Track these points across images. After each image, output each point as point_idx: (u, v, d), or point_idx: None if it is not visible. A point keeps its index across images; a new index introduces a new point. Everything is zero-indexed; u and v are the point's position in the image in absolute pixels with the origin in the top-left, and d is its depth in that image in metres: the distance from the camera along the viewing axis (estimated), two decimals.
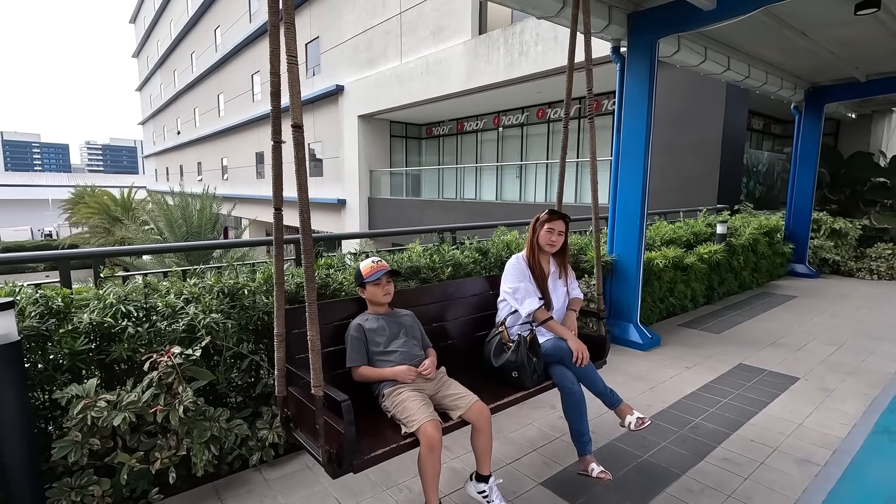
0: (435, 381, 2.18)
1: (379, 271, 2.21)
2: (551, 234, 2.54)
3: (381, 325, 2.21)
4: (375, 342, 2.18)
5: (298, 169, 1.60)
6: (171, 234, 11.95)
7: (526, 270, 2.56)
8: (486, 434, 2.07)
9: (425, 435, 1.86)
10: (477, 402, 2.06)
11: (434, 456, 1.87)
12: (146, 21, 40.66)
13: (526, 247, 2.63)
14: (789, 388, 3.51)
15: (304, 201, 1.64)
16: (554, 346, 2.40)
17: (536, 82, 10.65)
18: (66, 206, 25.32)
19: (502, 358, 2.37)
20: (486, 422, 2.06)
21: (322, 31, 17.32)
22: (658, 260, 4.87)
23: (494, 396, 2.23)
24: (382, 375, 2.12)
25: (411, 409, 1.95)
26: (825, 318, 5.33)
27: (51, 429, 2.21)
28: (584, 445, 2.35)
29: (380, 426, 2.02)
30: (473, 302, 2.81)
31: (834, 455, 2.63)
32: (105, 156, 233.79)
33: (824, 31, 4.84)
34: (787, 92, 6.87)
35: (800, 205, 7.64)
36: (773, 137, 13.23)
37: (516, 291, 2.50)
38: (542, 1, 3.59)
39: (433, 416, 1.92)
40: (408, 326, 2.28)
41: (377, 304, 2.27)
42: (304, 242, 1.64)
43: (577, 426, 2.34)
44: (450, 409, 2.07)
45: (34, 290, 2.21)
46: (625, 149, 4.37)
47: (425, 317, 2.53)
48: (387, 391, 2.08)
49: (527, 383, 2.31)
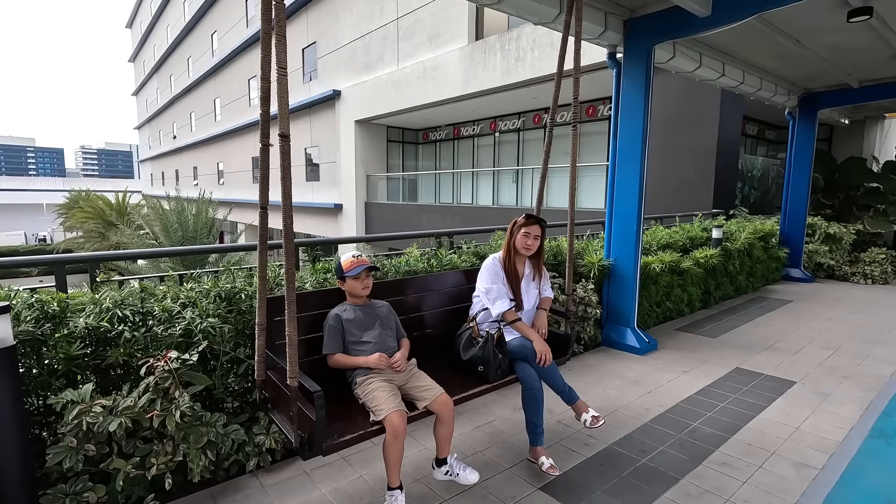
0: (405, 373, 2.30)
1: (359, 266, 2.32)
2: (527, 237, 2.65)
3: (357, 316, 2.33)
4: (351, 332, 2.30)
5: (283, 177, 1.72)
6: (166, 239, 11.90)
7: (500, 272, 2.67)
8: (448, 424, 2.21)
9: (391, 424, 2.00)
10: (442, 395, 2.18)
11: (398, 442, 2.01)
12: (143, 26, 40.67)
13: (503, 249, 2.74)
14: (786, 392, 3.52)
15: (287, 206, 1.75)
16: (520, 345, 2.52)
17: (533, 88, 10.70)
18: (61, 211, 25.21)
19: (470, 352, 2.50)
20: (450, 413, 2.19)
21: (319, 36, 17.36)
22: (655, 264, 4.88)
23: (460, 387, 2.38)
24: (355, 363, 2.25)
25: (380, 398, 2.07)
26: (821, 323, 5.36)
27: (45, 435, 2.18)
28: (536, 437, 2.49)
29: (352, 411, 2.17)
30: (450, 293, 2.97)
31: (831, 459, 2.63)
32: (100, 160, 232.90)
33: (817, 37, 4.90)
34: (782, 98, 6.93)
35: (795, 209, 7.69)
36: (767, 143, 13.34)
37: (489, 292, 2.62)
38: (538, 7, 3.61)
39: (399, 407, 2.05)
40: (383, 318, 2.40)
41: (355, 297, 2.39)
42: (286, 246, 1.80)
43: (532, 418, 2.48)
44: (417, 400, 2.20)
45: (30, 295, 2.20)
46: (621, 154, 4.40)
47: (404, 307, 2.71)
48: (359, 379, 2.21)
49: (491, 377, 2.44)
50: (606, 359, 4.22)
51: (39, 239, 37.75)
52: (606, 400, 3.38)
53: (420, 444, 2.76)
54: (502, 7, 3.58)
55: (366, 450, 2.67)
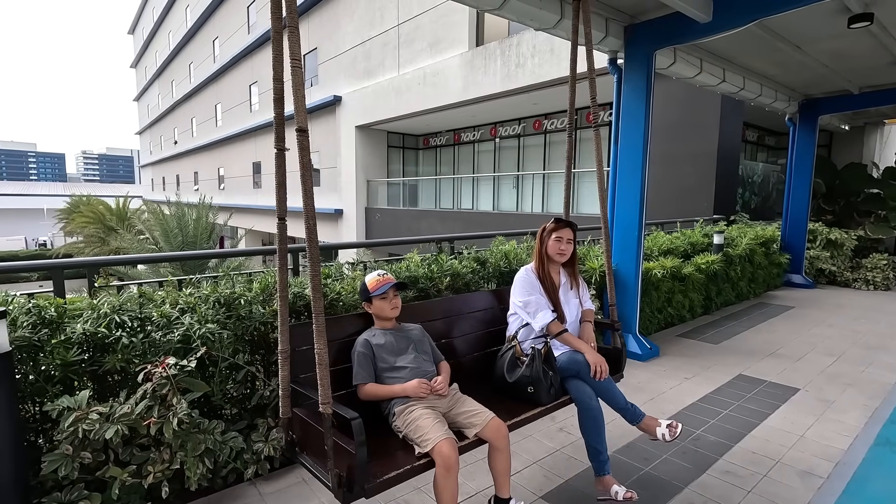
0: (448, 398, 2.07)
1: (385, 284, 2.13)
2: (560, 242, 2.46)
3: (388, 341, 2.11)
4: (383, 358, 2.08)
5: (304, 174, 1.54)
6: (166, 244, 11.89)
7: (536, 282, 2.47)
8: (504, 453, 1.97)
9: (441, 455, 1.76)
10: (494, 419, 1.96)
11: (451, 477, 1.76)
12: (145, 32, 40.88)
13: (534, 258, 2.55)
14: (790, 399, 3.49)
15: (309, 207, 1.55)
16: (570, 360, 2.31)
17: (533, 94, 10.73)
18: (62, 216, 25.22)
19: (516, 373, 2.26)
20: (505, 440, 1.96)
21: (320, 43, 17.44)
22: (656, 270, 4.86)
23: (510, 413, 2.11)
24: (392, 392, 2.01)
25: (425, 427, 1.84)
26: (823, 329, 5.33)
27: (41, 442, 2.16)
28: (601, 464, 2.24)
29: (391, 447, 1.91)
30: (480, 317, 2.72)
31: (836, 467, 2.60)
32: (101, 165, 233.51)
33: (818, 44, 4.91)
34: (782, 104, 6.94)
35: (796, 215, 7.68)
36: (767, 149, 13.35)
37: (527, 305, 2.41)
38: (539, 13, 3.61)
39: (448, 435, 1.82)
40: (417, 341, 2.18)
41: (384, 319, 2.18)
42: (311, 251, 1.57)
43: (594, 443, 2.24)
44: (465, 428, 1.96)
45: (27, 300, 2.18)
46: (622, 159, 4.39)
47: (431, 333, 2.44)
48: (398, 409, 1.97)
49: (543, 398, 2.21)
50: None
51: (40, 244, 37.77)
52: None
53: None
54: (503, 13, 3.58)
55: None
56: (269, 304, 2.56)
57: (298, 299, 2.61)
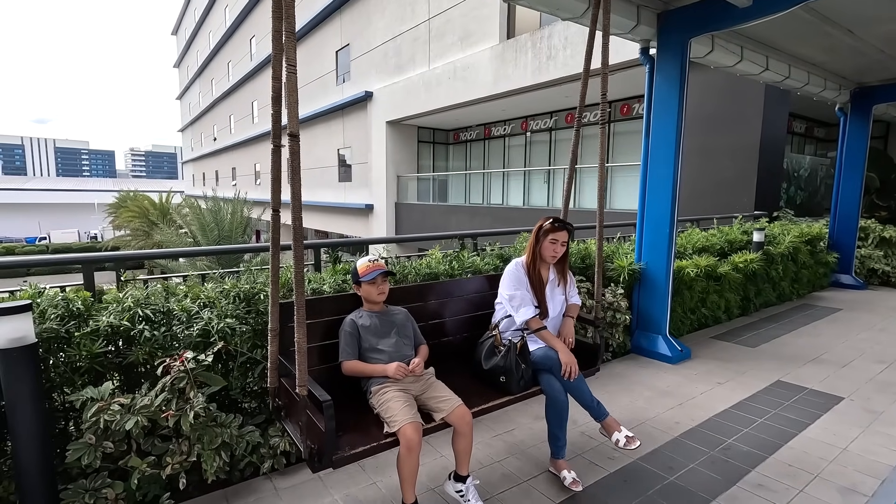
0: (421, 382, 2.22)
1: (375, 271, 2.25)
2: (554, 245, 2.51)
3: (373, 323, 2.27)
4: (367, 339, 2.24)
5: (292, 177, 1.69)
6: (203, 238, 12.30)
7: (524, 278, 2.54)
8: (466, 437, 2.13)
9: (405, 436, 1.92)
10: (459, 406, 2.10)
11: (412, 456, 1.94)
12: (187, 32, 42.33)
13: (526, 253, 2.59)
14: (832, 409, 3.27)
15: (296, 208, 1.71)
16: (544, 356, 2.40)
17: (565, 86, 10.47)
18: (110, 210, 26.52)
19: (492, 361, 2.39)
20: (468, 426, 2.11)
21: (352, 39, 17.59)
22: (689, 269, 4.66)
23: (481, 398, 2.28)
24: (373, 371, 2.18)
25: (394, 409, 2.01)
26: (873, 334, 4.99)
27: (71, 429, 2.24)
28: (559, 449, 2.43)
29: (366, 421, 2.09)
30: (472, 299, 2.85)
31: (883, 485, 2.41)
32: (147, 162, 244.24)
33: (872, 27, 4.56)
34: (832, 93, 6.51)
35: (845, 211, 7.21)
36: (815, 141, 12.62)
37: (513, 298, 2.51)
38: (567, 2, 3.50)
39: (415, 419, 1.98)
40: (400, 325, 2.33)
41: (371, 302, 2.31)
42: (295, 248, 1.72)
43: (555, 430, 2.40)
44: (433, 411, 2.12)
45: (56, 293, 2.26)
46: (654, 153, 4.21)
47: (424, 313, 2.61)
48: (374, 388, 2.15)
49: (513, 388, 2.34)
50: (635, 367, 4.05)
51: (91, 236, 39.90)
52: (634, 411, 3.23)
53: (437, 451, 2.70)
54: (530, 3, 3.49)
55: (381, 456, 2.60)
56: (288, 298, 2.57)
57: (314, 294, 2.63)
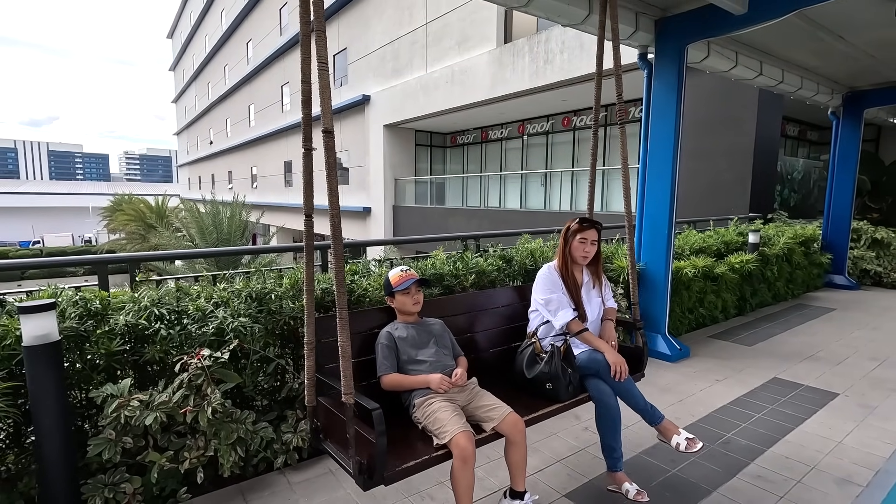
0: (467, 392, 2.11)
1: (408, 280, 2.19)
2: (584, 244, 2.43)
3: (410, 334, 2.18)
4: (405, 351, 2.14)
5: (329, 174, 1.60)
6: (201, 241, 12.30)
7: (558, 281, 2.46)
8: (520, 447, 2.00)
9: (458, 447, 1.79)
10: (511, 414, 1.99)
11: (468, 469, 1.80)
12: (183, 36, 42.32)
13: (557, 257, 2.52)
14: (828, 405, 3.36)
15: (334, 206, 1.60)
16: (589, 359, 2.31)
17: (562, 90, 10.60)
18: (105, 214, 26.38)
19: (535, 369, 2.28)
20: (521, 434, 1.99)
21: (350, 43, 17.68)
22: (687, 269, 4.75)
23: (528, 409, 2.14)
24: (414, 382, 2.06)
25: (443, 419, 1.88)
26: (866, 332, 5.10)
27: (87, 427, 2.29)
28: (615, 461, 2.27)
29: (410, 437, 1.97)
30: (503, 312, 2.74)
31: (877, 476, 2.50)
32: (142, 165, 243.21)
33: (863, 33, 4.68)
34: (824, 97, 6.65)
35: (838, 213, 7.34)
36: (808, 144, 12.80)
37: (549, 303, 2.41)
38: (567, 9, 3.58)
39: (466, 427, 1.87)
40: (437, 335, 2.24)
41: (406, 314, 2.24)
42: (335, 248, 1.61)
43: (609, 441, 2.26)
44: (482, 421, 2.00)
45: (74, 293, 2.31)
46: (652, 156, 4.30)
47: (453, 328, 2.47)
48: (418, 401, 2.03)
49: (562, 395, 2.23)
50: None
51: (85, 240, 39.63)
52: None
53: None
54: (530, 9, 3.56)
55: None
56: (299, 299, 2.63)
57: (326, 294, 2.68)
